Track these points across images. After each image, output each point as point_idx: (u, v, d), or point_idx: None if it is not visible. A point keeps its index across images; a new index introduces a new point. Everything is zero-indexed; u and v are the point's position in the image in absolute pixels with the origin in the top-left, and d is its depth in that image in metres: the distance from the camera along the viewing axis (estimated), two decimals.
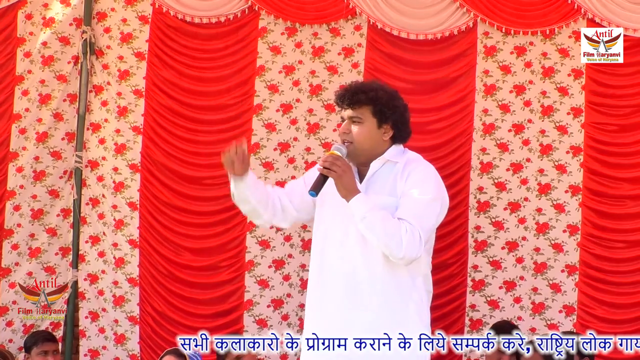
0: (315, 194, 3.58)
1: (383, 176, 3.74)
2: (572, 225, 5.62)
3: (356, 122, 3.77)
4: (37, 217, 5.92)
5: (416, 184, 3.68)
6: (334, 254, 3.75)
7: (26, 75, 5.95)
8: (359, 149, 3.75)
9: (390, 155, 3.78)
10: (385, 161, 3.78)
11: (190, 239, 5.81)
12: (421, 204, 3.66)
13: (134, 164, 5.90)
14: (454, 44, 5.77)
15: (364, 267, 3.69)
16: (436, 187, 3.75)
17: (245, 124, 5.83)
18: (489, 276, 5.66)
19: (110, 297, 5.88)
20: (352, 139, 3.74)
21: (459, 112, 5.75)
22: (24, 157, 5.91)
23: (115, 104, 5.93)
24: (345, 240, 3.72)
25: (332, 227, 3.77)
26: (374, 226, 3.53)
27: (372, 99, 3.78)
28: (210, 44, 5.88)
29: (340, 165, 3.58)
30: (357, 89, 3.81)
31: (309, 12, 5.84)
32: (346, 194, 3.59)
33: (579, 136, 5.66)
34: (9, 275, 5.88)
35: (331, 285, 3.74)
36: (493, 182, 5.70)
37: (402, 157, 3.80)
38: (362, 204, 3.56)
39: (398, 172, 3.75)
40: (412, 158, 3.83)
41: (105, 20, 5.97)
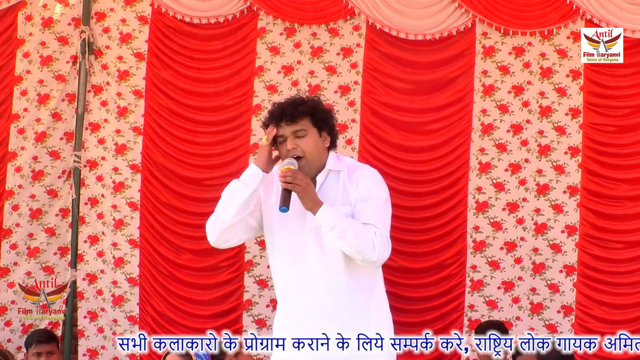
0: (286, 209, 3.57)
1: (330, 187, 3.75)
2: (570, 226, 5.64)
3: (301, 136, 3.76)
4: (36, 216, 5.92)
5: (368, 189, 3.73)
6: (293, 268, 3.75)
7: (25, 75, 5.95)
8: (310, 161, 3.74)
9: (332, 165, 3.80)
10: (328, 172, 3.80)
11: (190, 239, 5.81)
12: (378, 207, 3.71)
13: (134, 164, 5.90)
14: (452, 44, 5.78)
15: (326, 278, 3.70)
16: (385, 188, 3.81)
17: (245, 124, 5.84)
18: (488, 276, 5.67)
19: (110, 296, 5.88)
20: (303, 153, 3.74)
21: (458, 112, 5.76)
22: (23, 157, 5.91)
23: (114, 104, 5.93)
24: (302, 254, 3.73)
25: (286, 243, 3.77)
26: (345, 234, 3.55)
27: (312, 108, 3.80)
28: (209, 44, 5.88)
29: (302, 179, 3.59)
30: (296, 102, 3.81)
31: (308, 12, 5.84)
32: (312, 206, 3.59)
33: (577, 137, 5.67)
34: (7, 275, 5.88)
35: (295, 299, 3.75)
36: (491, 182, 5.71)
37: (342, 165, 3.82)
38: (330, 214, 3.57)
39: (345, 180, 3.77)
40: (352, 164, 3.87)
41: (104, 20, 5.96)
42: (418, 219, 5.66)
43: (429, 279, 5.65)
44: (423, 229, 5.66)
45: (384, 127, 5.76)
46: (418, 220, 5.66)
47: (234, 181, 3.79)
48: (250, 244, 5.76)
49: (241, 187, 3.72)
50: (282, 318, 3.83)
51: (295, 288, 3.74)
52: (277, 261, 3.80)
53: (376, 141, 5.74)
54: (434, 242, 5.68)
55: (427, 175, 5.72)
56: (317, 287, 3.68)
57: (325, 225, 3.56)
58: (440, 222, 5.68)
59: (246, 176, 3.74)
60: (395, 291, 5.48)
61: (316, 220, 3.57)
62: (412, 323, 5.51)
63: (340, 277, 3.67)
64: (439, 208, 5.69)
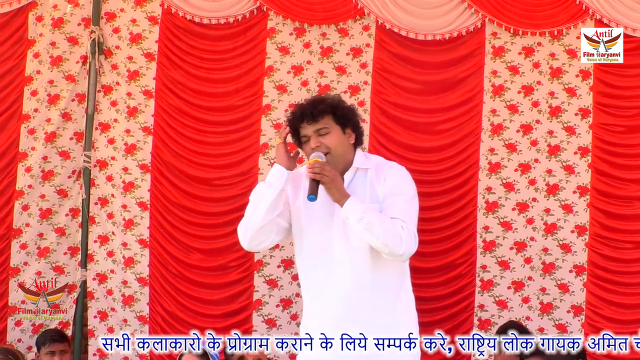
0: (314, 197, 3.60)
1: (358, 185, 3.78)
2: (580, 226, 5.64)
3: (323, 134, 3.80)
4: (46, 216, 5.93)
5: (396, 185, 3.78)
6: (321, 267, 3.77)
7: (35, 75, 5.97)
8: (335, 157, 3.78)
9: (359, 163, 3.84)
10: (356, 170, 3.82)
11: (200, 239, 5.82)
12: (406, 202, 3.76)
13: (144, 164, 5.91)
14: (462, 44, 5.78)
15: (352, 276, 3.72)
16: (413, 185, 3.85)
17: (254, 124, 5.84)
18: (498, 276, 5.67)
19: (120, 296, 5.89)
20: (328, 149, 3.76)
21: (467, 112, 5.76)
22: (33, 157, 5.92)
23: (124, 104, 5.94)
24: (330, 252, 3.75)
25: (314, 240, 3.79)
26: (372, 226, 3.57)
27: (332, 106, 3.84)
28: (219, 44, 5.89)
29: (329, 170, 3.62)
30: (316, 101, 3.85)
31: (318, 12, 5.84)
32: (339, 198, 3.62)
33: (586, 137, 5.67)
34: (17, 274, 5.89)
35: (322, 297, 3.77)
36: (501, 182, 5.71)
37: (369, 163, 3.86)
38: (357, 206, 3.60)
39: (372, 177, 3.80)
40: (379, 162, 3.91)
41: (114, 20, 5.97)
42: (428, 218, 5.64)
43: (438, 278, 5.65)
44: (433, 228, 5.66)
45: (393, 127, 5.77)
46: (428, 220, 5.63)
47: (260, 183, 3.82)
48: None
49: (267, 188, 3.75)
50: (308, 317, 3.85)
51: (322, 286, 3.76)
52: (305, 260, 3.83)
53: (386, 141, 5.74)
54: (443, 242, 5.68)
55: (436, 176, 5.72)
56: (343, 284, 3.70)
57: (352, 217, 3.58)
58: (450, 222, 5.68)
59: (271, 176, 3.77)
60: None
61: (343, 212, 3.60)
62: (422, 323, 5.37)
63: (367, 274, 3.70)
64: (448, 208, 5.69)
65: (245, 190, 5.78)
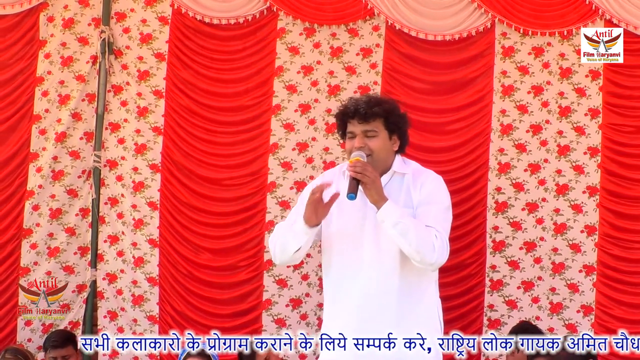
0: (354, 196, 3.59)
1: (394, 189, 3.77)
2: (589, 226, 5.64)
3: (371, 136, 3.79)
4: (56, 216, 5.94)
5: (432, 194, 3.77)
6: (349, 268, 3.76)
7: (46, 76, 5.99)
8: (376, 161, 3.77)
9: (397, 168, 3.83)
10: (393, 174, 3.81)
11: (210, 239, 5.83)
12: (441, 212, 3.77)
13: (154, 164, 5.92)
14: (471, 44, 5.79)
15: (379, 280, 3.71)
16: (448, 196, 3.86)
17: (264, 124, 5.85)
18: (507, 276, 5.67)
19: (129, 296, 5.90)
20: (371, 151, 3.76)
21: (477, 112, 5.76)
22: (43, 157, 5.94)
23: (135, 104, 5.95)
24: (360, 254, 3.74)
25: (345, 242, 3.79)
26: (407, 232, 3.57)
27: (387, 111, 3.81)
28: (229, 45, 5.90)
29: (371, 171, 3.61)
30: (371, 102, 3.82)
31: (328, 12, 5.85)
32: (377, 200, 3.61)
33: (596, 137, 5.67)
34: (27, 274, 5.90)
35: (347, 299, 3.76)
36: (511, 182, 5.71)
37: (407, 168, 3.85)
38: (394, 210, 3.60)
39: (409, 183, 3.79)
40: (418, 168, 3.90)
41: (124, 20, 5.99)
42: None
43: (448, 278, 5.63)
44: None
45: None
46: None
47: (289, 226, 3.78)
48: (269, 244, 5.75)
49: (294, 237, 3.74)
50: (332, 319, 3.83)
51: (348, 287, 3.74)
52: (334, 261, 3.80)
53: None
54: (453, 242, 5.51)
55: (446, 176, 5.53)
56: (370, 286, 3.69)
57: (388, 220, 3.58)
58: (459, 222, 5.66)
59: (297, 228, 3.72)
60: None
61: (379, 215, 3.59)
62: None
63: (394, 278, 3.68)
64: (458, 208, 5.64)
65: (255, 190, 5.81)
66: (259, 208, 5.81)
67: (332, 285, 3.82)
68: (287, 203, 5.76)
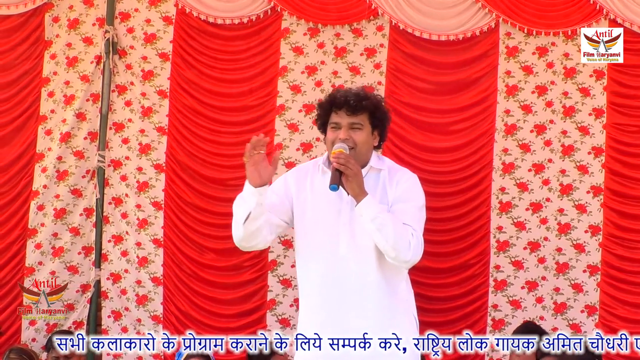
0: (337, 187, 3.57)
1: (370, 184, 3.74)
2: (593, 226, 5.64)
3: (356, 129, 3.77)
4: (60, 216, 5.95)
5: (408, 192, 3.76)
6: (325, 262, 3.74)
7: (52, 76, 6.00)
8: (358, 154, 3.74)
9: (374, 163, 3.82)
10: (369, 169, 3.81)
11: (214, 239, 5.83)
12: (417, 210, 3.75)
13: (158, 164, 5.93)
14: (476, 44, 5.79)
15: (357, 273, 3.70)
16: (423, 195, 3.83)
17: (268, 124, 5.86)
18: (511, 276, 5.68)
19: (133, 296, 5.91)
20: (355, 145, 3.75)
21: (481, 112, 5.77)
22: (49, 157, 5.95)
23: (139, 104, 5.96)
24: (336, 248, 3.73)
25: (319, 236, 3.76)
26: (384, 227, 3.56)
27: (374, 106, 3.80)
28: (233, 45, 5.91)
29: (354, 164, 3.59)
30: (360, 95, 3.80)
31: (331, 12, 5.86)
32: (358, 194, 3.59)
33: (600, 137, 5.67)
34: (32, 274, 5.91)
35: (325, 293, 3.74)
36: (515, 182, 5.71)
37: (383, 164, 3.84)
38: (373, 205, 3.59)
39: (385, 179, 3.78)
40: (393, 166, 3.89)
41: (128, 20, 5.99)
42: (441, 219, 5.66)
43: (452, 278, 5.66)
44: (446, 229, 5.67)
45: (407, 127, 5.77)
46: (441, 220, 5.66)
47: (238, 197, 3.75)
48: (274, 244, 5.77)
49: (242, 204, 3.71)
50: (306, 314, 3.81)
51: (324, 281, 3.72)
52: (308, 253, 3.76)
53: (399, 141, 5.75)
54: (457, 242, 5.69)
55: (450, 176, 5.73)
56: (348, 282, 3.68)
57: (367, 214, 3.57)
58: (463, 222, 5.69)
59: (244, 193, 3.70)
60: (419, 291, 5.40)
61: (359, 208, 3.58)
62: (436, 323, 5.50)
63: (372, 274, 3.68)
64: (462, 208, 5.70)
65: None
66: None
67: (308, 278, 3.77)
68: None
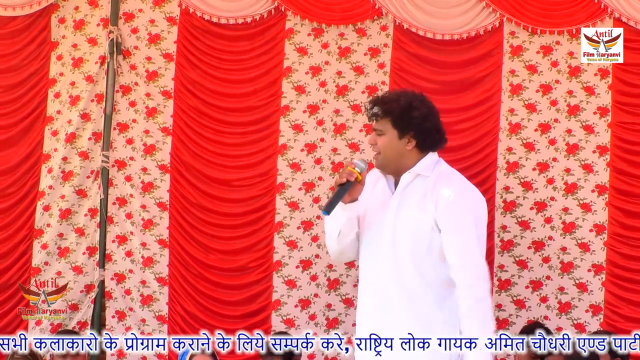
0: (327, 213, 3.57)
1: (415, 190, 3.66)
2: (598, 225, 5.64)
3: (379, 134, 3.76)
4: (66, 216, 5.96)
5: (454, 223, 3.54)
6: (368, 267, 3.75)
7: (58, 77, 6.01)
8: (384, 160, 3.70)
9: (421, 169, 3.68)
10: (416, 175, 3.72)
11: (219, 240, 5.85)
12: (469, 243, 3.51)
13: (163, 164, 5.93)
14: (480, 43, 5.79)
15: (394, 279, 3.68)
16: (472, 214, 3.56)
17: (273, 125, 5.86)
18: (515, 276, 5.68)
19: (138, 296, 5.91)
20: (379, 150, 3.74)
21: (485, 111, 5.77)
22: (55, 158, 5.96)
23: (143, 104, 5.96)
24: (378, 254, 3.72)
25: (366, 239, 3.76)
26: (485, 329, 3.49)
27: (388, 112, 3.74)
28: (237, 45, 5.91)
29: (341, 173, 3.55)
30: (376, 101, 3.77)
31: (335, 12, 5.85)
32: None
33: (605, 136, 5.67)
34: (38, 274, 5.91)
35: (365, 297, 3.74)
36: (519, 181, 5.72)
37: (430, 171, 3.66)
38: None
39: (428, 188, 3.67)
40: (442, 174, 3.67)
41: (132, 21, 5.99)
42: None
43: None
44: None
45: None
46: None
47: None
48: (278, 245, 5.79)
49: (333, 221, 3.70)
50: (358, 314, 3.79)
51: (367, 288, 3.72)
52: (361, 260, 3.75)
53: None
54: None
55: None
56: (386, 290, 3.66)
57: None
58: None
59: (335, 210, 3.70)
60: None
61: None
62: None
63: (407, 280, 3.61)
64: None
65: (264, 191, 5.82)
66: (268, 209, 5.83)
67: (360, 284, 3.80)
68: (296, 204, 5.78)
